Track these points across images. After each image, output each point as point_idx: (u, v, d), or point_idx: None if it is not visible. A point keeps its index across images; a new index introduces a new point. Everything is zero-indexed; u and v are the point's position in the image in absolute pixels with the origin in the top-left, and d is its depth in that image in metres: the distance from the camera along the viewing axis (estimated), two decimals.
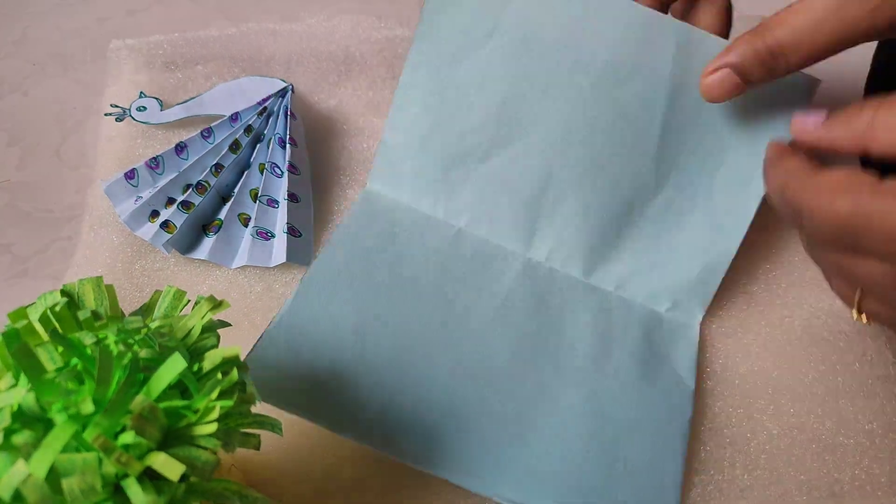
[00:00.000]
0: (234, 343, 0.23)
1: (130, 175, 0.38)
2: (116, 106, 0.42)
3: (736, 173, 0.33)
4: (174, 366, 0.20)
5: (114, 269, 0.36)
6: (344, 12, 0.48)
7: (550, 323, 0.34)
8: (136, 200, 0.37)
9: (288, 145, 0.38)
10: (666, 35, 0.31)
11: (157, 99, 0.42)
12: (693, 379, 0.33)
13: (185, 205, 0.37)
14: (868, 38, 0.27)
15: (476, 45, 0.33)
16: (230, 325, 0.25)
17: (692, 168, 0.34)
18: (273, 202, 0.38)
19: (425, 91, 0.35)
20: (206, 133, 0.40)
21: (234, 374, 0.21)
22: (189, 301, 0.24)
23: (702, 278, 0.35)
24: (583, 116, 0.33)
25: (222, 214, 0.37)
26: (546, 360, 0.33)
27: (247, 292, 0.36)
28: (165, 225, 0.36)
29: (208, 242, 0.37)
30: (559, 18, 0.32)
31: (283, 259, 0.36)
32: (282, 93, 0.41)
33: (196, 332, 0.22)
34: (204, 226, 0.37)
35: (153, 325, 0.22)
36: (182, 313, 0.24)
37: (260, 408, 0.27)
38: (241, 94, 0.42)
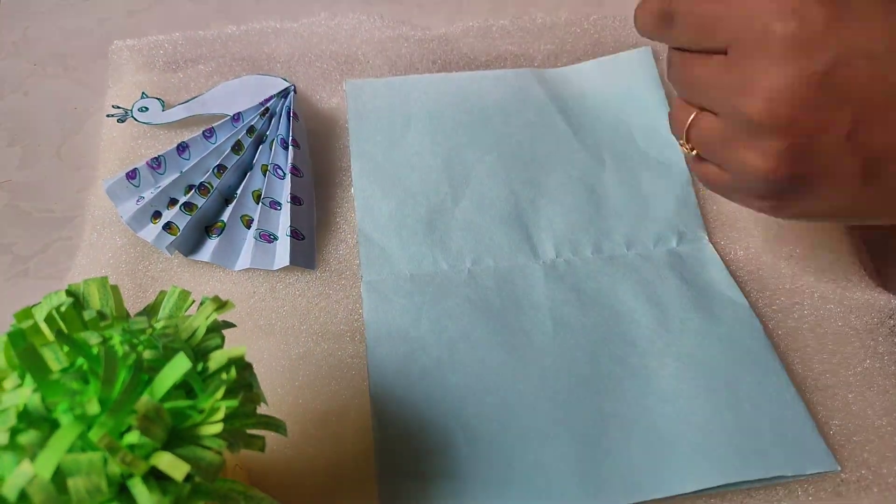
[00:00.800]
0: (238, 344, 0.23)
1: (132, 175, 0.38)
2: (118, 107, 0.42)
3: (641, 123, 0.42)
4: (179, 366, 0.20)
5: (117, 269, 0.36)
6: (345, 12, 0.48)
7: (603, 310, 0.35)
8: (138, 201, 0.37)
9: (290, 147, 0.38)
10: (527, 78, 0.43)
11: (159, 99, 0.42)
12: (741, 293, 0.36)
13: (188, 206, 0.37)
14: None
15: (402, 133, 0.41)
16: (235, 325, 0.25)
17: (611, 140, 0.42)
18: (275, 204, 0.38)
19: (377, 181, 0.39)
20: (209, 133, 0.39)
21: (241, 374, 0.21)
22: (194, 302, 0.24)
23: (682, 204, 0.39)
24: (508, 144, 0.41)
25: (225, 216, 0.37)
26: (624, 347, 0.34)
27: (250, 294, 0.36)
28: (168, 226, 0.36)
29: (211, 244, 0.37)
30: (451, 94, 0.42)
31: (287, 262, 0.36)
32: (284, 93, 0.41)
33: (201, 332, 0.22)
34: (207, 227, 0.37)
35: (158, 325, 0.22)
36: (187, 314, 0.24)
37: (264, 408, 0.27)
38: (243, 92, 0.42)
